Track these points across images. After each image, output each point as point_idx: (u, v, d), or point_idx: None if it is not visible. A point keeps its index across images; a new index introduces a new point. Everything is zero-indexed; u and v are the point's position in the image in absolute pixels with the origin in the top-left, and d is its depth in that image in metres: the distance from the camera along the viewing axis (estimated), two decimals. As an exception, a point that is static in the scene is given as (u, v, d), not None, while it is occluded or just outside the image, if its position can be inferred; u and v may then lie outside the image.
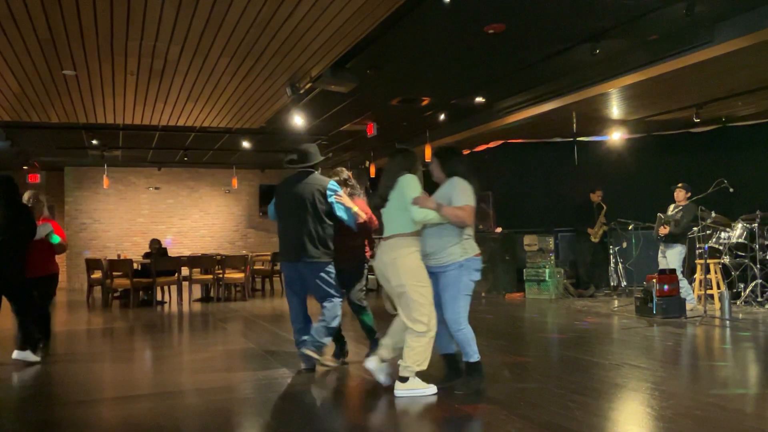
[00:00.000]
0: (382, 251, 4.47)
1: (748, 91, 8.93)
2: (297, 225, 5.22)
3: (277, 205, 5.47)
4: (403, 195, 4.35)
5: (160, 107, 9.93)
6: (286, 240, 5.33)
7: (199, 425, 3.97)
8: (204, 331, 8.35)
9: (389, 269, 4.36)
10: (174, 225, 17.27)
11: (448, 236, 4.38)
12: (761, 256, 8.80)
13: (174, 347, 7.27)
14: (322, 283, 5.27)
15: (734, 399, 4.18)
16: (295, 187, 5.34)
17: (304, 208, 5.23)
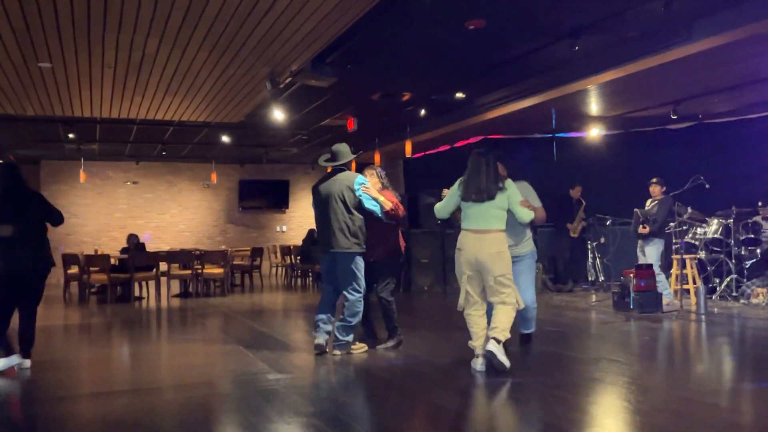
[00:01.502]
0: (481, 243, 4.88)
1: (725, 88, 9.04)
2: (330, 218, 5.73)
3: (314, 202, 5.98)
4: (510, 198, 4.96)
5: (138, 100, 9.82)
6: (322, 232, 5.86)
7: (177, 421, 3.94)
8: (182, 327, 8.29)
9: (494, 260, 4.84)
10: (152, 220, 17.12)
11: (523, 232, 5.31)
12: (736, 252, 8.93)
13: (152, 343, 7.21)
14: (349, 274, 5.70)
15: (709, 393, 4.24)
16: (327, 184, 5.86)
17: (335, 202, 5.74)
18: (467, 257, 4.96)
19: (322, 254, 5.92)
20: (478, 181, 4.98)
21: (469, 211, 5.01)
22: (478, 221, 4.95)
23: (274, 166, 17.95)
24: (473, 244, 4.93)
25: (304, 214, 18.55)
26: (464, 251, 4.99)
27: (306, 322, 8.52)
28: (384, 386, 4.84)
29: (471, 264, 4.95)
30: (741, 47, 6.97)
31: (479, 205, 4.95)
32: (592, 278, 11.56)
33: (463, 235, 5.04)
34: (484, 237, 4.90)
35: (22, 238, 5.22)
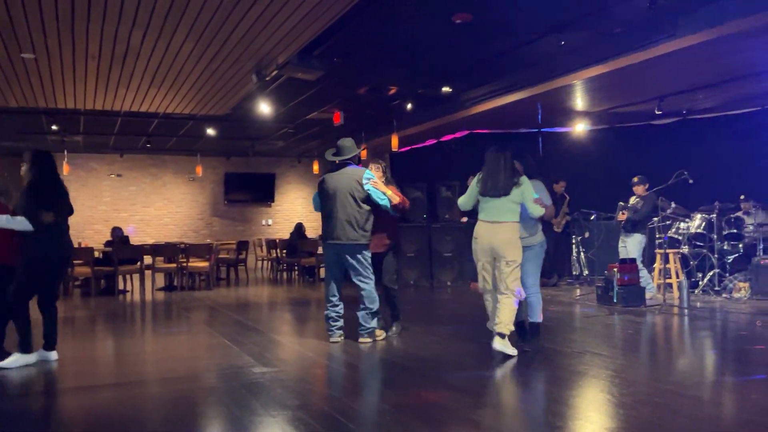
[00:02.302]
0: (495, 231, 5.28)
1: (709, 84, 9.11)
2: (339, 211, 5.92)
3: (322, 195, 6.09)
4: (524, 193, 5.32)
5: (123, 92, 9.75)
6: (330, 225, 5.99)
7: (162, 415, 3.93)
8: (167, 321, 8.26)
9: (507, 247, 5.24)
10: (137, 213, 17.01)
11: (534, 225, 5.57)
12: (719, 246, 9.01)
13: (136, 336, 7.18)
14: (359, 265, 5.95)
15: (692, 386, 4.28)
16: (336, 178, 6.05)
17: (344, 196, 5.94)
18: (482, 246, 5.36)
19: (326, 247, 6.08)
20: (496, 178, 5.34)
21: (486, 205, 5.39)
22: (493, 213, 5.34)
23: (260, 159, 17.88)
24: (488, 233, 5.33)
25: (290, 207, 18.51)
26: (479, 239, 5.38)
27: (291, 315, 8.51)
28: (370, 380, 4.86)
29: (486, 251, 5.36)
30: (725, 43, 7.02)
31: (495, 200, 5.33)
32: (576, 272, 11.64)
33: (479, 226, 5.41)
34: (499, 226, 5.30)
35: (62, 225, 5.32)
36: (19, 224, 5.11)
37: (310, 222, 17.72)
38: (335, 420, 3.61)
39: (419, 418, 3.69)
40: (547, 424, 3.44)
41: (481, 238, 5.36)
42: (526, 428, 3.42)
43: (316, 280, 13.16)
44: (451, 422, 3.58)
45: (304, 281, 13.20)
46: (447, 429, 3.47)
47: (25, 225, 5.11)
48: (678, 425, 3.41)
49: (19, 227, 5.11)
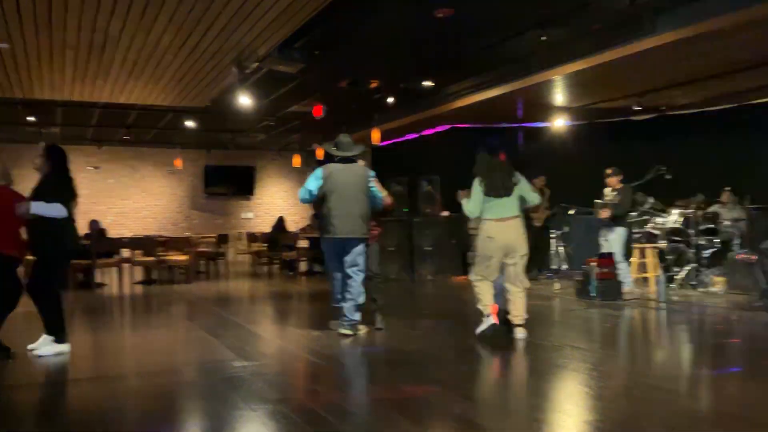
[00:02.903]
0: (508, 228, 5.64)
1: (688, 81, 9.21)
2: (349, 206, 5.99)
3: (328, 188, 6.04)
4: (522, 189, 5.73)
5: (101, 83, 9.62)
6: (340, 218, 5.98)
7: (141, 409, 3.90)
8: (146, 314, 8.20)
9: (520, 241, 5.68)
10: (115, 205, 16.83)
11: None
12: (695, 241, 9.13)
13: (115, 330, 7.11)
14: (360, 257, 6.05)
15: (668, 379, 4.34)
16: (346, 173, 6.11)
17: (357, 191, 6.05)
18: (498, 244, 5.64)
19: (333, 241, 6.06)
20: (499, 180, 5.67)
21: (490, 204, 5.67)
22: (501, 212, 5.66)
23: (240, 152, 17.77)
24: (503, 232, 5.65)
25: (270, 201, 18.43)
26: (496, 239, 5.64)
27: (272, 309, 8.49)
28: (351, 374, 4.86)
29: (501, 248, 5.66)
30: (703, 41, 7.10)
31: (500, 199, 5.66)
32: (555, 266, 11.71)
33: (491, 225, 5.68)
34: (510, 224, 5.67)
35: (72, 218, 5.34)
36: (58, 210, 5.15)
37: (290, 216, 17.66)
38: (316, 414, 3.61)
39: (400, 411, 3.70)
40: (527, 416, 3.47)
41: (498, 236, 5.63)
42: (506, 421, 3.44)
43: (296, 274, 13.13)
44: (432, 416, 3.59)
45: (284, 275, 13.16)
46: (428, 422, 3.48)
47: (61, 211, 5.16)
48: (655, 417, 3.45)
49: (56, 214, 5.14)
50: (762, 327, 6.13)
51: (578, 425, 3.39)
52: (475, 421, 3.45)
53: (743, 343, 5.63)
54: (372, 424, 3.52)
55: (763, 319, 6.49)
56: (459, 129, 12.93)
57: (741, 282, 8.50)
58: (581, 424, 3.41)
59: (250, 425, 3.45)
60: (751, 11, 6.15)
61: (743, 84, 9.38)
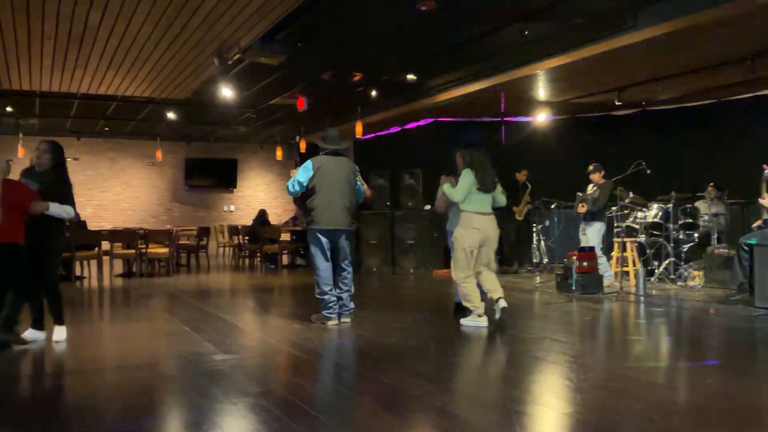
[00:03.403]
0: (491, 222, 6.01)
1: (668, 76, 9.29)
2: (338, 198, 6.15)
3: (321, 181, 6.14)
4: (498, 190, 6.15)
5: (80, 74, 9.51)
6: (328, 211, 6.12)
7: (121, 403, 3.87)
8: (126, 308, 8.13)
9: (496, 236, 6.07)
10: (94, 198, 16.66)
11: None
12: (675, 236, 9.22)
13: (94, 323, 7.05)
14: (348, 248, 6.30)
15: (647, 371, 4.38)
16: (334, 166, 6.24)
17: (344, 184, 6.23)
18: (482, 236, 5.95)
19: (320, 233, 6.14)
20: (489, 176, 6.04)
21: (475, 197, 5.97)
22: (483, 205, 6.01)
23: (221, 144, 17.66)
24: (486, 224, 5.99)
25: (252, 194, 18.35)
26: (481, 230, 5.95)
27: (253, 302, 8.46)
28: (332, 366, 4.86)
29: (483, 240, 5.98)
30: (684, 36, 7.16)
31: (484, 194, 6.01)
32: (536, 260, 11.79)
33: (477, 218, 5.96)
34: (491, 218, 6.05)
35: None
36: (69, 213, 5.37)
37: (273, 209, 17.60)
38: (297, 406, 3.60)
39: (381, 403, 3.71)
40: (507, 408, 3.49)
41: (483, 228, 5.96)
42: (486, 413, 3.46)
43: (278, 267, 13.09)
44: (412, 408, 3.60)
45: (266, 268, 13.11)
46: (409, 414, 3.49)
47: (71, 214, 5.40)
48: (633, 409, 3.49)
49: (67, 216, 5.39)
50: (739, 320, 6.22)
51: (558, 417, 3.42)
52: (455, 414, 3.47)
53: (721, 336, 5.71)
54: (353, 416, 3.52)
55: (740, 313, 6.57)
56: (442, 123, 12.95)
57: (719, 276, 8.61)
58: (561, 415, 3.44)
59: (231, 418, 3.44)
60: (729, 7, 6.21)
61: (721, 80, 9.48)
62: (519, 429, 3.15)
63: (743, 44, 7.76)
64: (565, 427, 3.24)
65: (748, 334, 5.70)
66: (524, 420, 3.32)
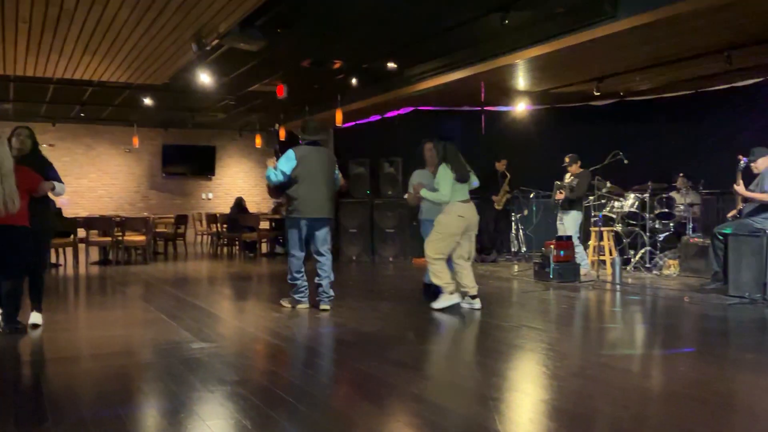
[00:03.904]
0: (472, 209, 6.32)
1: (646, 66, 9.34)
2: (320, 188, 6.23)
3: (304, 170, 6.18)
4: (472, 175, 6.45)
5: (55, 58, 9.34)
6: (310, 200, 6.19)
7: (96, 391, 3.83)
8: (102, 295, 8.05)
9: (477, 221, 6.38)
10: (69, 184, 16.19)
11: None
12: (651, 225, 9.33)
13: (69, 311, 6.97)
14: (329, 237, 6.42)
15: (622, 359, 4.44)
16: (316, 156, 6.33)
17: (328, 173, 6.33)
18: (466, 223, 6.25)
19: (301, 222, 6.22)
20: (462, 166, 6.33)
21: (456, 187, 6.23)
22: (464, 194, 6.32)
23: (199, 131, 17.50)
24: (469, 212, 6.30)
25: (231, 181, 18.22)
26: (466, 218, 6.24)
27: (231, 290, 8.42)
28: (310, 354, 4.85)
29: (466, 227, 6.27)
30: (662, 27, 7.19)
31: (462, 183, 6.29)
32: (515, 249, 11.87)
33: (460, 206, 6.24)
34: (472, 205, 6.39)
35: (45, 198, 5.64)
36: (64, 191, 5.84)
37: (252, 197, 17.50)
38: (275, 395, 3.60)
39: (360, 392, 3.72)
40: (484, 395, 3.52)
41: (467, 216, 6.26)
42: (464, 400, 3.48)
43: (257, 256, 13.04)
44: (391, 396, 3.62)
45: (245, 257, 13.05)
46: (387, 402, 3.50)
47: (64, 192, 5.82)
48: (609, 396, 3.53)
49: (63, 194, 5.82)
50: (713, 308, 6.31)
51: (534, 404, 3.45)
52: (433, 401, 3.49)
53: (695, 324, 5.79)
54: (331, 404, 3.53)
55: (714, 301, 6.68)
56: (422, 111, 12.93)
57: (693, 265, 8.73)
58: (537, 402, 3.47)
59: (208, 407, 3.43)
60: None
61: (698, 71, 9.57)
62: (496, 416, 3.18)
63: (721, 35, 7.82)
64: (542, 414, 3.27)
65: (722, 322, 5.80)
66: (501, 407, 3.35)
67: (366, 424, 3.14)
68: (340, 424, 3.17)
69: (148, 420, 3.28)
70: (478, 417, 3.18)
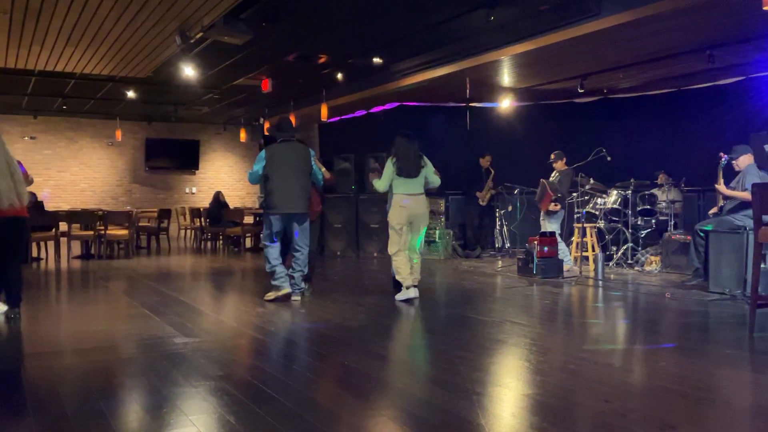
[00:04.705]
0: (418, 203, 6.68)
1: (629, 64, 9.41)
2: (293, 183, 6.43)
3: (271, 167, 6.40)
4: (428, 172, 6.77)
5: (37, 50, 9.24)
6: (284, 195, 6.40)
7: (78, 386, 3.81)
8: (84, 290, 7.98)
9: (424, 214, 6.81)
10: (51, 177, 16.28)
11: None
12: (633, 222, 9.41)
13: (51, 306, 6.91)
14: (305, 231, 6.64)
15: (604, 354, 4.48)
16: (288, 152, 6.52)
17: (299, 169, 6.50)
18: (408, 213, 6.64)
19: (276, 217, 6.47)
20: (410, 163, 6.63)
21: (401, 182, 6.62)
22: (412, 188, 6.68)
23: (183, 125, 17.39)
24: (413, 204, 6.66)
25: (215, 175, 18.13)
26: (406, 208, 6.63)
27: (215, 285, 8.38)
28: (294, 349, 4.85)
29: (410, 217, 6.67)
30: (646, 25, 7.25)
31: (410, 178, 6.64)
32: (499, 245, 11.92)
33: (400, 197, 6.64)
34: (419, 198, 6.71)
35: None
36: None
37: (236, 191, 17.43)
38: (259, 389, 3.59)
39: (343, 386, 3.72)
40: (467, 390, 3.53)
41: (408, 206, 6.63)
42: (447, 394, 3.50)
43: (241, 250, 12.99)
44: (375, 390, 3.62)
45: (228, 251, 13.00)
46: (371, 397, 3.51)
47: None
48: (591, 390, 3.56)
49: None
50: (694, 304, 6.38)
51: (517, 398, 3.48)
52: (417, 395, 3.50)
53: (676, 319, 5.85)
54: (315, 399, 3.53)
55: (695, 297, 6.75)
56: (407, 107, 12.95)
57: (675, 261, 8.82)
58: (520, 397, 3.50)
59: (192, 401, 3.41)
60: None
61: (681, 69, 9.65)
62: (479, 410, 3.20)
63: (703, 34, 7.90)
64: (525, 408, 3.29)
65: (702, 317, 5.86)
66: (484, 401, 3.37)
67: (350, 419, 3.14)
68: (324, 418, 3.17)
69: (131, 415, 3.26)
70: (461, 411, 3.19)
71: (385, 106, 13.09)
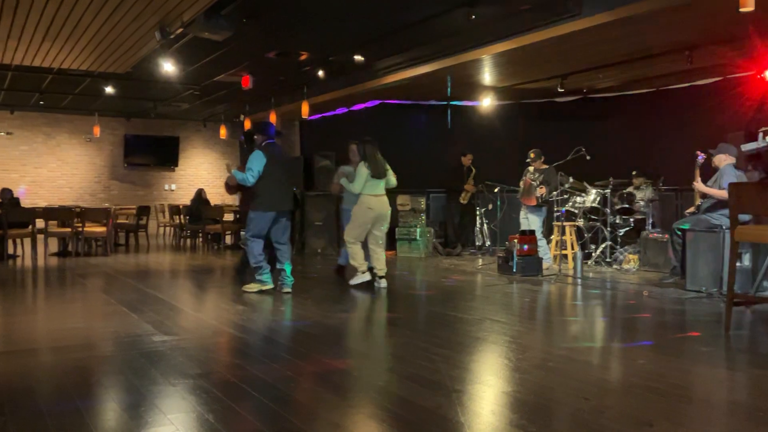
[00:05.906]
0: (383, 203, 7.29)
1: (608, 64, 9.49)
2: (285, 183, 6.92)
3: (271, 168, 6.72)
4: (389, 174, 7.39)
5: (13, 45, 9.10)
6: (279, 194, 6.81)
7: (54, 384, 3.76)
8: (61, 287, 7.89)
9: (388, 213, 7.39)
10: (28, 173, 16.06)
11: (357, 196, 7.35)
12: (611, 220, 9.49)
13: (27, 303, 6.82)
14: (290, 228, 7.07)
15: (583, 351, 4.52)
16: (278, 153, 7.02)
17: (288, 170, 7.14)
18: (375, 213, 7.21)
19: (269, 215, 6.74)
20: (378, 166, 7.25)
21: (371, 183, 7.16)
22: (377, 189, 7.28)
23: (163, 121, 17.23)
24: (379, 205, 7.26)
25: (194, 172, 18.00)
26: (374, 210, 7.21)
27: (193, 283, 8.33)
28: (274, 347, 4.83)
29: (376, 218, 7.24)
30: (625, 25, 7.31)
31: (378, 180, 7.22)
32: (479, 243, 11.96)
33: (371, 199, 7.20)
34: (383, 199, 7.32)
35: None
36: None
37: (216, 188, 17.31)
38: (238, 388, 3.58)
39: (323, 384, 3.72)
40: (447, 387, 3.54)
41: (376, 208, 7.23)
42: (427, 392, 3.51)
43: (221, 248, 12.92)
44: (354, 388, 3.62)
45: (208, 248, 12.91)
46: (351, 395, 3.51)
47: None
48: (569, 388, 3.59)
49: None
50: (671, 302, 6.45)
51: (497, 396, 3.49)
52: (396, 393, 3.50)
53: (653, 317, 5.91)
54: (295, 397, 3.52)
55: (672, 295, 6.83)
56: (388, 105, 12.94)
57: (653, 259, 8.91)
58: (500, 394, 3.51)
59: (170, 400, 3.39)
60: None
61: (659, 69, 9.75)
62: (459, 407, 3.21)
63: (681, 35, 7.98)
64: (504, 406, 3.31)
65: (679, 315, 5.93)
66: (464, 398, 3.38)
67: (329, 416, 3.14)
68: (304, 416, 3.17)
69: (108, 413, 3.23)
70: (440, 408, 3.20)
71: (367, 104, 13.07)
